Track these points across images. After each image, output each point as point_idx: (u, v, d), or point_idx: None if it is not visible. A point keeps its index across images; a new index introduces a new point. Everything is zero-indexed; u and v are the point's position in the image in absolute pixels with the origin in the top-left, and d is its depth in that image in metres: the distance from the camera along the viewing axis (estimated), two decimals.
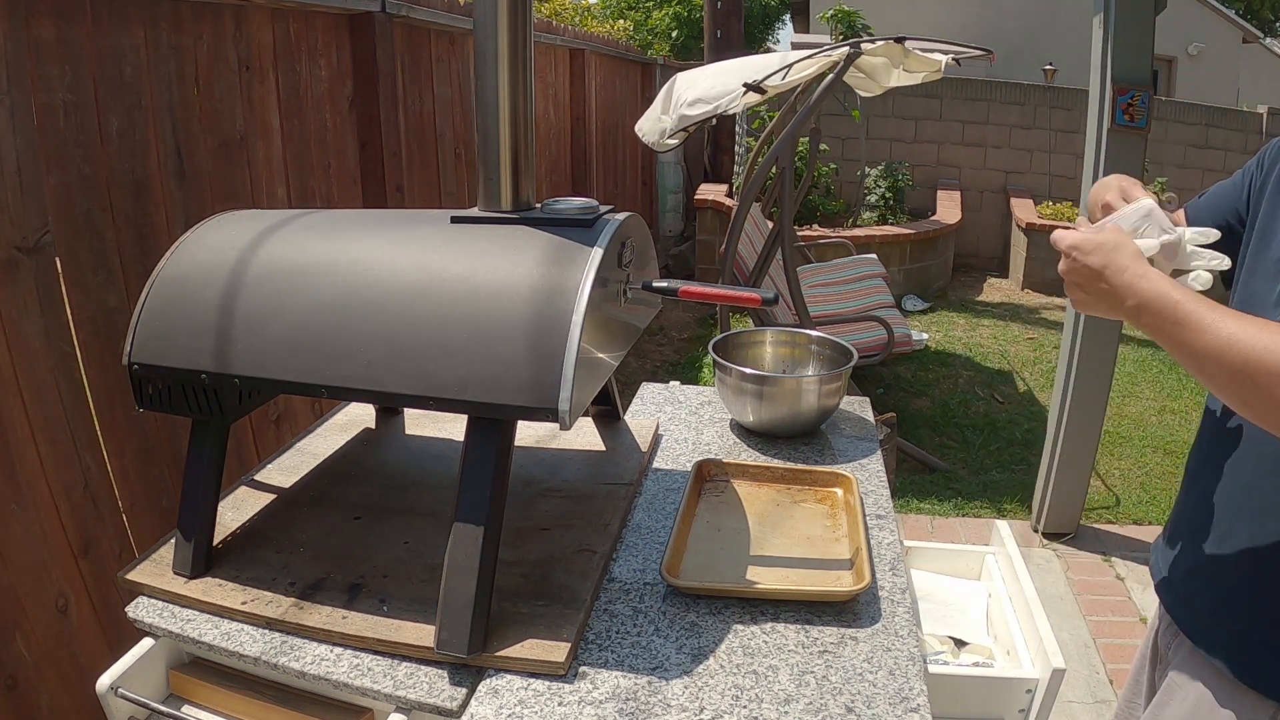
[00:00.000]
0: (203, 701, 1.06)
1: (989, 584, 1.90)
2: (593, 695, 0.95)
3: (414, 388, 0.98)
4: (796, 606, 1.10)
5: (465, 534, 0.98)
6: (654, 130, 3.53)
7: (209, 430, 1.15)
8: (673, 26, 12.34)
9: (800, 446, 1.55)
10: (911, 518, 3.36)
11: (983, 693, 1.60)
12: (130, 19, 1.66)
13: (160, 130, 1.75)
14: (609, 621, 1.07)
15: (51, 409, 1.51)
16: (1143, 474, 3.79)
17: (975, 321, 6.12)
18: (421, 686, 0.96)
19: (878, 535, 1.26)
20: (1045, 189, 7.63)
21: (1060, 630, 2.60)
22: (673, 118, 3.38)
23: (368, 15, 2.45)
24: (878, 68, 3.75)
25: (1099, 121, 2.89)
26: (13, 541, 1.42)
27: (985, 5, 12.21)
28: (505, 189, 1.12)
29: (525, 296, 0.98)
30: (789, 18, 16.01)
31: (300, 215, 1.20)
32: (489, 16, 1.06)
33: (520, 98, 1.10)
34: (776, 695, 0.94)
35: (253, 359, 1.04)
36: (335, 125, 2.42)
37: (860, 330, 4.04)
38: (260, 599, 1.07)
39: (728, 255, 3.70)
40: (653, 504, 1.35)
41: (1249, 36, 13.87)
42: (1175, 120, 7.39)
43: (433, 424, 1.57)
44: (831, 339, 1.70)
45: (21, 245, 1.44)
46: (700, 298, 1.16)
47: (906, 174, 7.33)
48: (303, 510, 1.29)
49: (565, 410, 0.93)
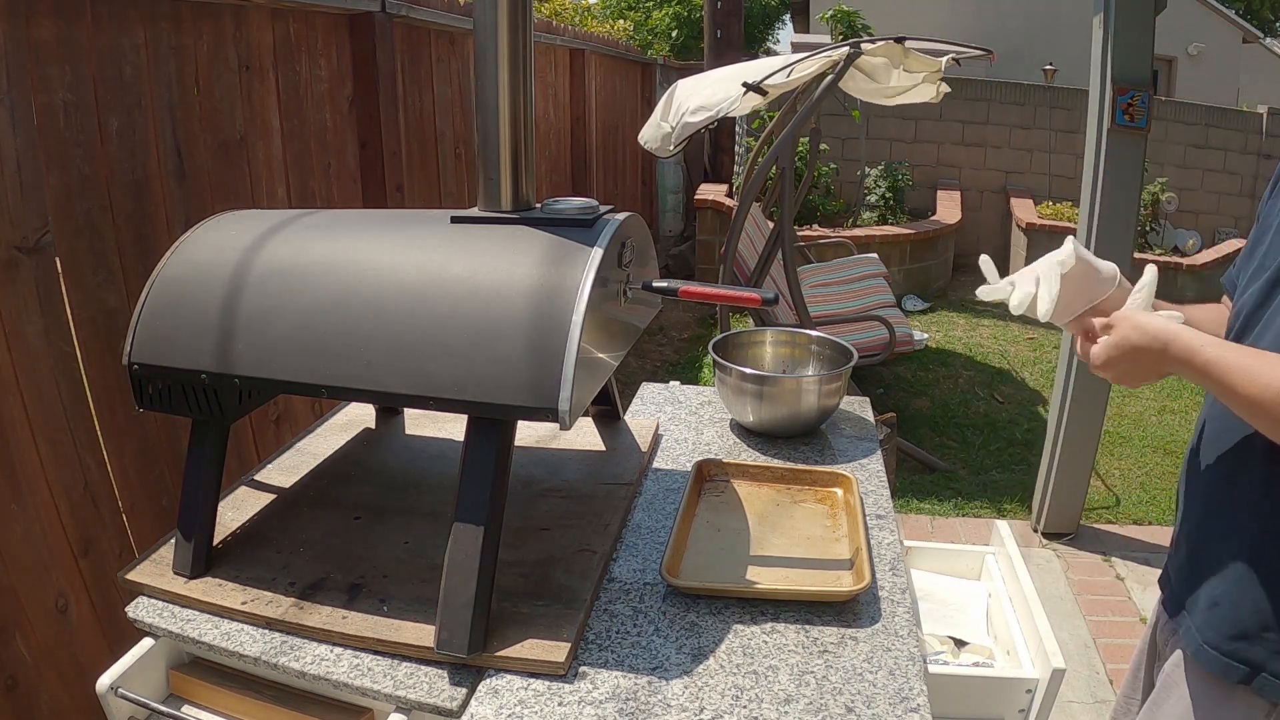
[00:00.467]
0: (203, 701, 1.06)
1: (989, 584, 1.90)
2: (593, 695, 0.95)
3: (414, 388, 0.98)
4: (796, 606, 1.10)
5: (465, 534, 0.98)
6: (656, 137, 3.56)
7: (209, 430, 1.15)
8: (673, 26, 12.34)
9: (800, 446, 1.55)
10: (911, 518, 3.36)
11: (983, 693, 1.60)
12: (130, 19, 1.66)
13: (160, 130, 1.75)
14: (609, 621, 1.07)
15: (51, 409, 1.51)
16: (1143, 474, 3.79)
17: (975, 321, 6.12)
18: (421, 686, 0.96)
19: (878, 535, 1.26)
20: (1045, 189, 7.64)
21: (1060, 630, 2.60)
22: (676, 126, 3.39)
23: (368, 15, 2.45)
24: (878, 68, 3.74)
25: (1099, 121, 2.89)
26: (13, 541, 1.42)
27: (985, 5, 12.20)
28: (505, 189, 1.12)
29: (525, 296, 0.98)
30: (789, 18, 16.00)
31: (300, 215, 1.20)
32: (489, 16, 1.06)
33: (520, 98, 1.10)
34: (776, 695, 0.94)
35: (253, 359, 1.04)
36: (335, 125, 2.42)
37: (860, 330, 4.04)
38: (260, 599, 1.07)
39: (728, 255, 3.70)
40: (653, 504, 1.35)
41: (1249, 36, 13.86)
42: (1175, 120, 7.39)
43: (433, 424, 1.57)
44: (831, 339, 1.70)
45: (21, 245, 1.44)
46: (700, 298, 1.16)
47: (906, 174, 7.33)
48: (303, 510, 1.29)
49: (565, 410, 0.93)
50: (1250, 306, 1.02)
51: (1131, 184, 2.90)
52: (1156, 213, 7.11)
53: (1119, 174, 2.87)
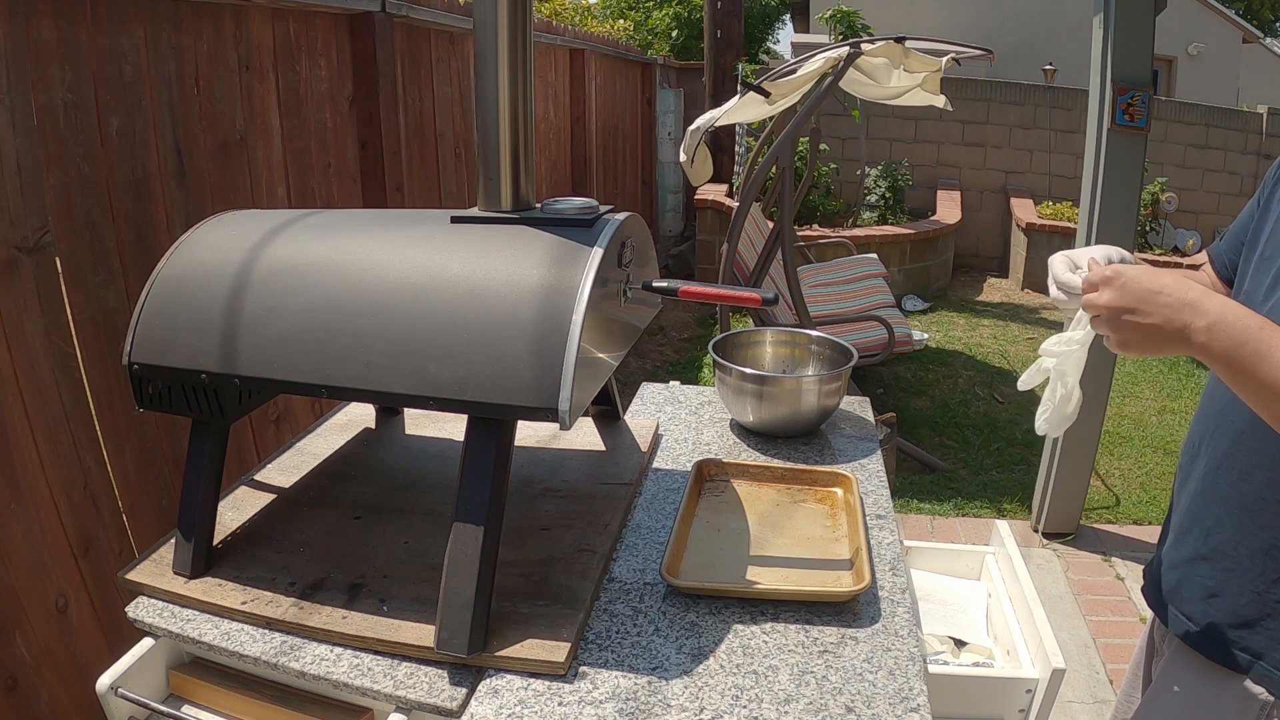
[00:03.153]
0: (203, 701, 1.06)
1: (989, 584, 1.90)
2: (593, 695, 0.95)
3: (414, 388, 0.98)
4: (796, 606, 1.10)
5: (465, 534, 0.98)
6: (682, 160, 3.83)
7: (209, 430, 1.15)
8: (673, 26, 12.33)
9: (800, 446, 1.55)
10: (911, 518, 3.36)
11: (983, 693, 1.60)
12: (130, 19, 1.66)
13: (160, 130, 1.75)
14: (609, 621, 1.07)
15: (51, 409, 1.51)
16: (1143, 474, 3.79)
17: (975, 321, 6.12)
18: (421, 686, 0.96)
19: (878, 535, 1.26)
20: (1045, 189, 7.64)
21: (1060, 630, 2.60)
22: (686, 138, 3.64)
23: (368, 15, 2.45)
24: (878, 68, 3.75)
25: (1099, 121, 2.89)
26: (12, 541, 1.42)
27: (985, 5, 12.20)
28: (505, 189, 1.12)
29: (525, 296, 0.98)
30: (789, 18, 15.99)
31: (300, 215, 1.20)
32: (489, 16, 1.06)
33: (520, 98, 1.10)
34: (776, 695, 0.94)
35: (253, 359, 1.04)
36: (335, 125, 2.42)
37: (860, 330, 4.05)
38: (260, 599, 1.07)
39: (728, 255, 3.70)
40: (653, 504, 1.35)
41: (1249, 36, 13.86)
42: (1175, 120, 7.39)
43: (433, 424, 1.57)
44: (831, 339, 1.70)
45: (21, 245, 1.44)
46: (700, 298, 1.16)
47: (906, 174, 7.33)
48: (303, 510, 1.29)
49: (565, 410, 0.93)
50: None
51: (1131, 184, 2.90)
52: (1156, 213, 7.11)
53: (1119, 174, 2.87)
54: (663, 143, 8.08)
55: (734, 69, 7.14)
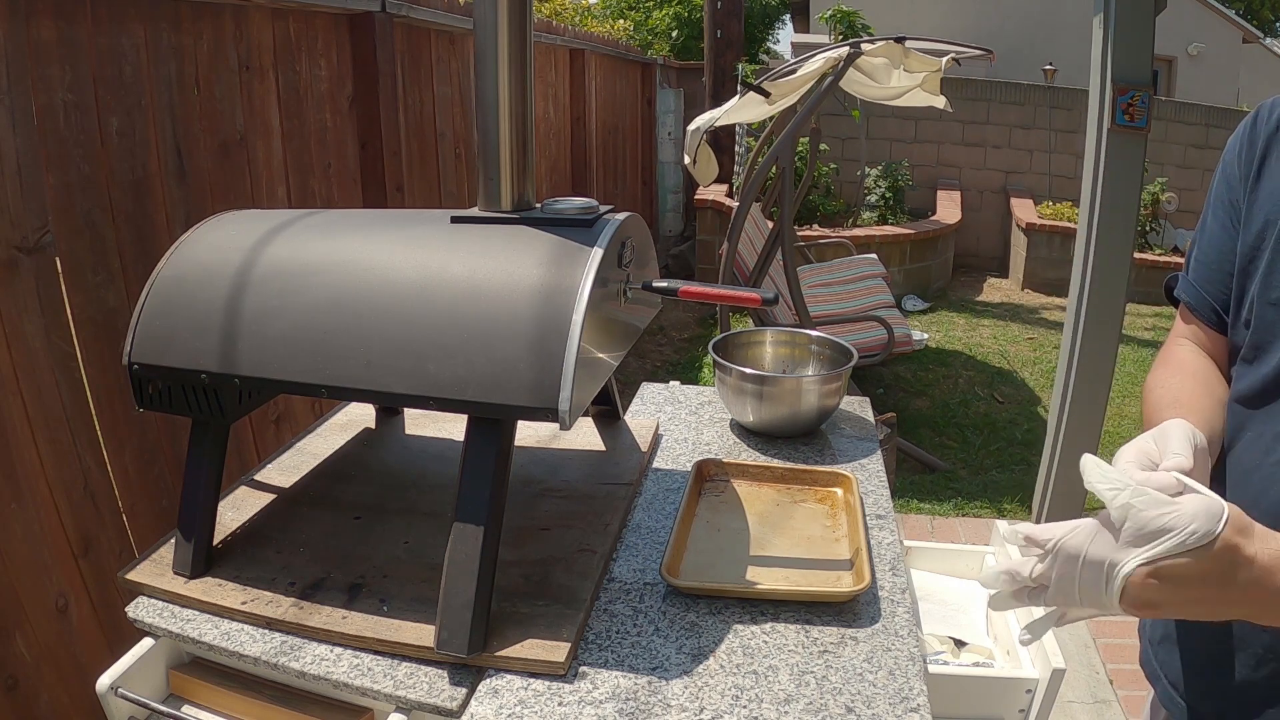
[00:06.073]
0: (203, 701, 1.06)
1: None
2: (593, 695, 0.95)
3: (414, 388, 0.98)
4: (796, 606, 1.10)
5: (465, 534, 0.98)
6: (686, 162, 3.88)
7: (209, 430, 1.15)
8: (673, 26, 12.33)
9: (800, 446, 1.55)
10: (911, 518, 3.36)
11: (983, 693, 1.60)
12: (130, 19, 1.66)
13: (160, 130, 1.75)
14: (609, 621, 1.07)
15: (51, 409, 1.51)
16: None
17: (975, 321, 6.12)
18: (421, 686, 0.96)
19: (878, 535, 1.26)
20: (1045, 189, 7.64)
21: (1060, 630, 2.60)
22: (687, 139, 3.65)
23: (368, 15, 2.45)
24: (878, 68, 3.75)
25: (1099, 121, 2.89)
26: (12, 541, 1.42)
27: (985, 5, 12.21)
28: (505, 189, 1.12)
29: (525, 296, 0.98)
30: (789, 18, 16.00)
31: (300, 215, 1.19)
32: (489, 16, 1.06)
33: (520, 98, 1.10)
34: (776, 695, 0.94)
35: (253, 359, 1.04)
36: (335, 125, 2.42)
37: (860, 330, 4.05)
38: (260, 599, 1.07)
39: (728, 255, 3.70)
40: (653, 504, 1.35)
41: (1249, 36, 13.87)
42: (1175, 120, 7.39)
43: (433, 424, 1.57)
44: (831, 339, 1.70)
45: (21, 245, 1.44)
46: (700, 298, 1.16)
47: (906, 174, 7.34)
48: (303, 510, 1.29)
49: (565, 410, 0.93)
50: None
51: (1132, 184, 2.90)
52: (1156, 213, 7.11)
53: (1119, 174, 2.87)
54: (663, 143, 8.08)
55: (734, 69, 7.14)
